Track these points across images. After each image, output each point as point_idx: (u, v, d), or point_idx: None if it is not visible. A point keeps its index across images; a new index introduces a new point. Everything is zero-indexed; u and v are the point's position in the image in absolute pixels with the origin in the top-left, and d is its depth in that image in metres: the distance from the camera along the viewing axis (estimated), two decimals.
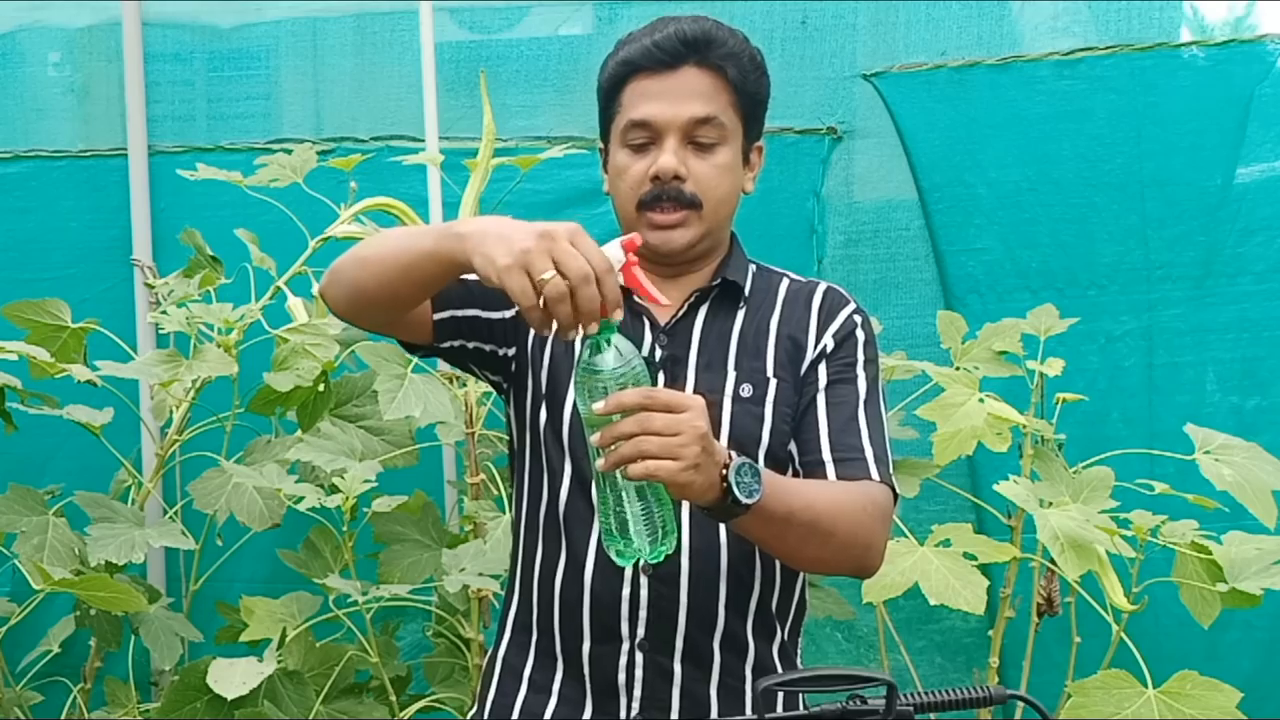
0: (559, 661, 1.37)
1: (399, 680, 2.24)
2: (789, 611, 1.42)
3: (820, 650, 2.54)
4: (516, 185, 2.28)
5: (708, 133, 1.33)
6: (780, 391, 1.36)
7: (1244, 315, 2.40)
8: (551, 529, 1.37)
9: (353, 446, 2.10)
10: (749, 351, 1.38)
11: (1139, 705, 1.76)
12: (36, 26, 2.61)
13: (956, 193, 2.46)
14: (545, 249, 1.07)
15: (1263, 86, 2.37)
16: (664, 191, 1.32)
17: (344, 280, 1.30)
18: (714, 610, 1.34)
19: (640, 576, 1.32)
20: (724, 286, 1.40)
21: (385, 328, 1.37)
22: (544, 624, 1.38)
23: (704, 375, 1.36)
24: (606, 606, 1.33)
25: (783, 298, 1.42)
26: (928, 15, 2.48)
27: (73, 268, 2.58)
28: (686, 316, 1.39)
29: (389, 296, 1.26)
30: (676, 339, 1.38)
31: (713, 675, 1.35)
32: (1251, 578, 1.85)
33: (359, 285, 1.27)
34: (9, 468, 2.28)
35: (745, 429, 1.35)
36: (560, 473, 1.36)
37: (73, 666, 2.30)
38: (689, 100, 1.32)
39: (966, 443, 1.96)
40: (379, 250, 1.26)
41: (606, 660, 1.34)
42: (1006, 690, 1.02)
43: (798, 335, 1.39)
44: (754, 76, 1.36)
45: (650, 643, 1.33)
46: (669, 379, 1.36)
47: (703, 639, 1.34)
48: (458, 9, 2.57)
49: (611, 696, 1.34)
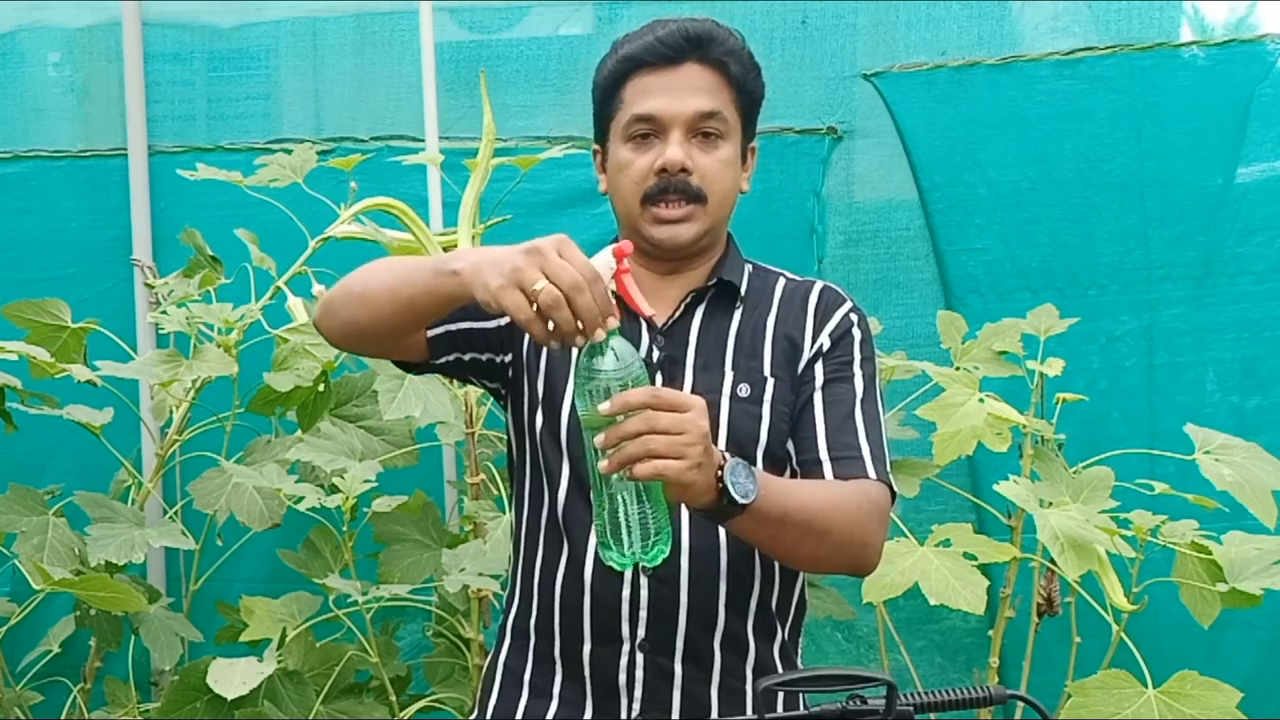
0: (558, 665, 1.37)
1: (399, 680, 2.24)
2: (789, 611, 1.42)
3: (820, 650, 2.54)
4: (516, 185, 2.27)
5: (713, 126, 1.33)
6: (778, 391, 1.36)
7: (1244, 315, 2.40)
8: (551, 532, 1.37)
9: (353, 446, 2.10)
10: (746, 351, 1.38)
11: (1139, 705, 1.75)
12: (36, 26, 2.61)
13: (957, 192, 2.46)
14: (535, 263, 1.08)
15: (1263, 86, 2.37)
16: (670, 184, 1.33)
17: (338, 315, 1.31)
18: (714, 610, 1.34)
19: (640, 577, 1.32)
20: (720, 286, 1.40)
21: (382, 354, 1.40)
22: (543, 627, 1.38)
23: (701, 375, 1.36)
24: (607, 608, 1.33)
25: (779, 297, 1.42)
26: (928, 15, 2.48)
27: (73, 268, 2.58)
28: (683, 317, 1.39)
29: (385, 330, 1.28)
30: (673, 339, 1.38)
31: (713, 675, 1.35)
32: (1251, 578, 1.84)
33: (354, 320, 1.29)
34: (9, 468, 2.28)
35: (743, 429, 1.35)
36: (559, 475, 1.36)
37: (73, 666, 2.30)
38: (693, 95, 1.32)
39: (966, 443, 1.96)
40: (372, 286, 1.27)
41: (607, 662, 1.34)
42: (1006, 690, 1.02)
43: (794, 334, 1.39)
44: (753, 75, 1.37)
45: (651, 643, 1.33)
46: (666, 379, 1.36)
47: (703, 639, 1.34)
48: (458, 9, 2.57)
49: (612, 698, 1.34)
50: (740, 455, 1.31)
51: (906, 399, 2.24)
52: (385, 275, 1.26)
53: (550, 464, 1.36)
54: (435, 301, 1.21)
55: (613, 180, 1.38)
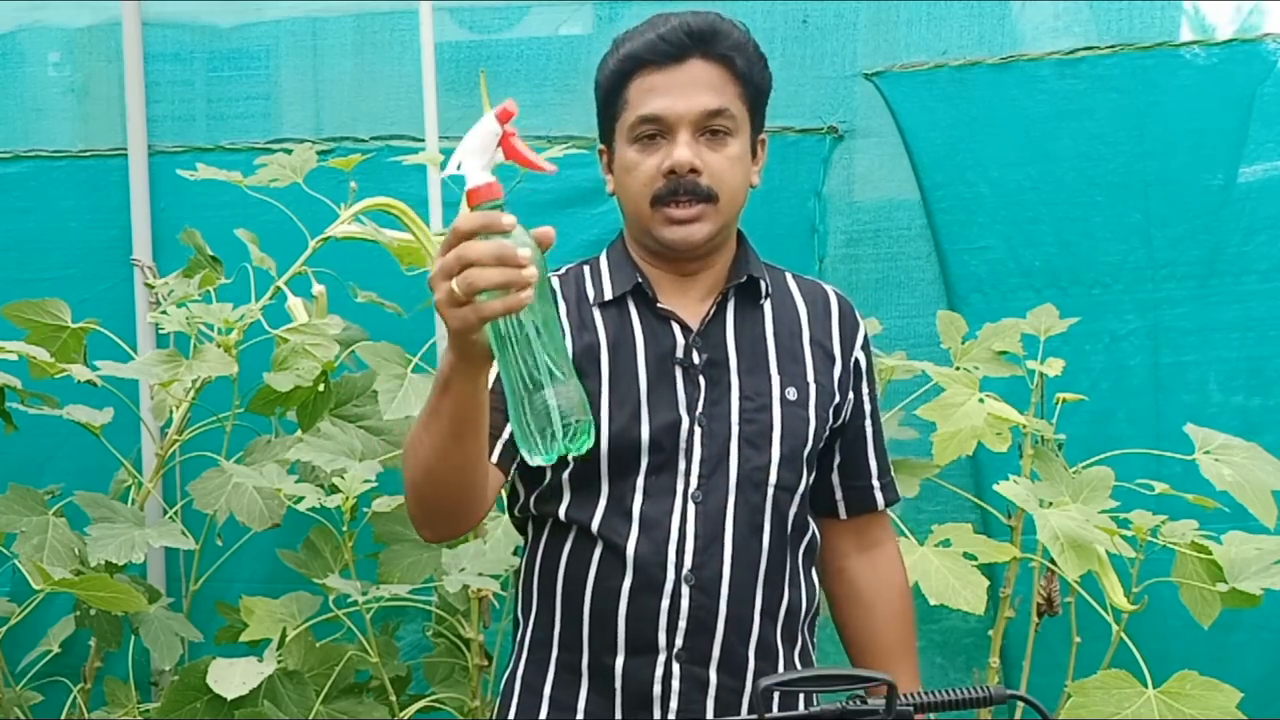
0: (584, 677, 1.35)
1: (399, 680, 2.23)
2: (809, 614, 1.43)
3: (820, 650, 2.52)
4: (516, 185, 2.27)
5: (720, 124, 1.31)
6: (819, 396, 1.38)
7: (1249, 314, 2.39)
8: (581, 541, 1.35)
9: (353, 446, 2.09)
10: (787, 354, 1.38)
11: (1139, 705, 1.75)
12: (36, 26, 2.60)
13: (958, 192, 2.46)
14: (439, 275, 1.04)
15: (1265, 86, 2.36)
16: (680, 185, 1.31)
17: (430, 512, 1.27)
18: (750, 617, 1.34)
19: (681, 587, 1.31)
20: (745, 284, 1.39)
21: (483, 503, 1.29)
22: (569, 639, 1.36)
23: (748, 379, 1.35)
24: (644, 618, 1.32)
25: (801, 299, 1.43)
26: (929, 14, 2.48)
27: (73, 268, 2.58)
28: (716, 317, 1.38)
29: (459, 474, 1.21)
30: (710, 341, 1.36)
31: (746, 682, 1.35)
32: (1251, 578, 1.84)
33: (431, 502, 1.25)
34: (9, 468, 2.27)
35: (795, 431, 1.36)
36: (599, 486, 1.35)
37: (73, 666, 2.30)
38: (699, 92, 1.30)
39: (966, 443, 1.96)
40: (413, 463, 1.22)
41: (642, 672, 1.33)
42: (1006, 690, 1.02)
43: (825, 343, 1.41)
44: (759, 68, 1.35)
45: (688, 653, 1.32)
46: (710, 383, 1.35)
47: (739, 646, 1.34)
48: (458, 9, 2.57)
49: (644, 709, 1.33)
50: (791, 458, 1.33)
51: (906, 399, 2.24)
52: (414, 447, 1.21)
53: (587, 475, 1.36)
54: (453, 393, 1.14)
55: (620, 182, 1.37)
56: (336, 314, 2.18)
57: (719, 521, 1.33)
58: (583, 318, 1.39)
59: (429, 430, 1.18)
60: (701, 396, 1.35)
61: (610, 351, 1.36)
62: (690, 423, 1.34)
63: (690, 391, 1.35)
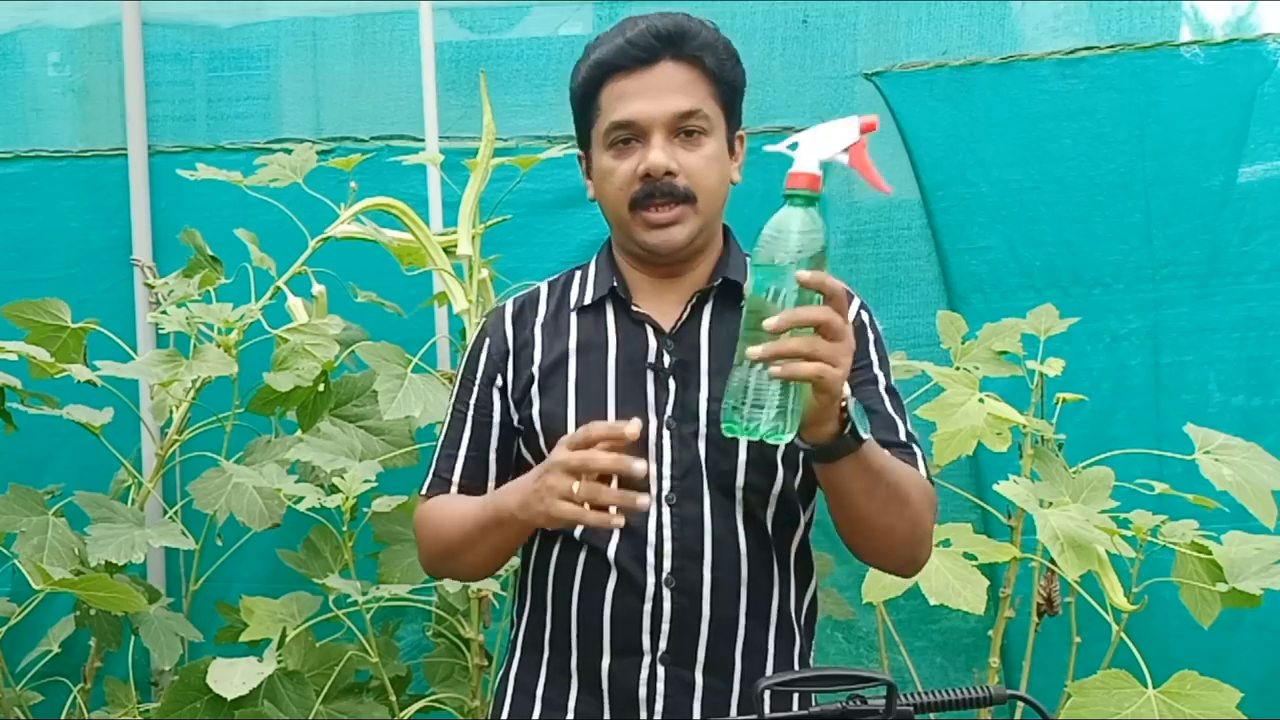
0: (574, 678, 1.36)
1: (399, 680, 2.23)
2: (805, 615, 1.42)
3: (820, 650, 2.51)
4: (516, 185, 2.27)
5: (693, 124, 1.31)
6: None
7: (1250, 314, 2.39)
8: (568, 546, 1.36)
9: (353, 446, 2.09)
10: None
11: (1139, 705, 1.75)
12: (36, 26, 2.60)
13: (959, 191, 2.46)
14: (556, 472, 1.17)
15: (1264, 86, 2.37)
16: (656, 188, 1.31)
17: (442, 570, 1.47)
18: (735, 619, 1.33)
19: (663, 590, 1.31)
20: (725, 285, 1.38)
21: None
22: (559, 641, 1.37)
23: (716, 381, 1.34)
24: (628, 620, 1.32)
25: None
26: (929, 14, 2.48)
27: (73, 268, 2.58)
28: (691, 319, 1.37)
29: (491, 552, 1.37)
30: (683, 343, 1.36)
31: (734, 684, 1.34)
32: (1251, 578, 1.84)
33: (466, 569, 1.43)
34: (9, 468, 2.27)
35: None
36: None
37: (73, 666, 2.30)
38: (670, 95, 1.30)
39: (966, 443, 1.96)
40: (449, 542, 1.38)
41: (627, 674, 1.33)
42: (1006, 690, 1.02)
43: None
44: (730, 65, 1.34)
45: (672, 655, 1.32)
46: (680, 385, 1.34)
47: (724, 649, 1.33)
48: (458, 9, 2.57)
49: (631, 710, 1.33)
50: (761, 460, 1.32)
51: (906, 399, 2.23)
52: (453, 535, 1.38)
53: None
54: (510, 534, 1.31)
55: (599, 188, 1.37)
56: (336, 314, 2.19)
57: (697, 524, 1.32)
58: (559, 325, 1.40)
59: (469, 533, 1.34)
60: (671, 399, 1.34)
61: (580, 355, 1.37)
62: (659, 425, 1.33)
63: (660, 394, 1.34)
